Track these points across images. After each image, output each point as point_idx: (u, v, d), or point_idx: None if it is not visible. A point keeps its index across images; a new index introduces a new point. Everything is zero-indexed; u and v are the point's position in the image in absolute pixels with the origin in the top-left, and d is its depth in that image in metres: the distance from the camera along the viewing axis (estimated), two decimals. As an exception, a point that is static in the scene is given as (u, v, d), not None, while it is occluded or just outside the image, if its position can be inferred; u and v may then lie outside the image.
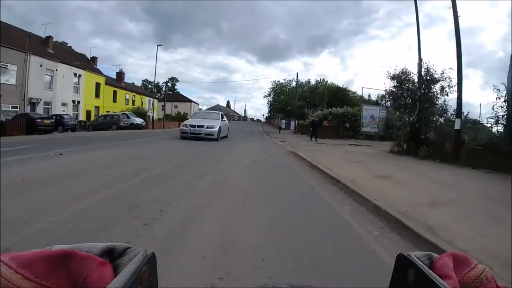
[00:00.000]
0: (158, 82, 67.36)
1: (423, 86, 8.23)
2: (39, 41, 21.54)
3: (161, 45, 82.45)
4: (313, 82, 40.51)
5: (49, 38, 22.18)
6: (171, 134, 14.54)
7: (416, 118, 8.34)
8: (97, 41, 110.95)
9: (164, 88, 66.45)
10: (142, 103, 34.14)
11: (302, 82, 40.75)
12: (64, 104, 21.72)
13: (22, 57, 18.27)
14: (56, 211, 2.48)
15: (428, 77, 8.12)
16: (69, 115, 18.48)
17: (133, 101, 32.31)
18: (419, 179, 4.76)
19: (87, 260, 0.24)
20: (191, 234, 2.15)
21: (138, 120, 22.10)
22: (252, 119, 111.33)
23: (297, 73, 37.74)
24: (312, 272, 1.69)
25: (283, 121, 37.71)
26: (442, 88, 8.01)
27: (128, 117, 21.42)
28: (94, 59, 27.47)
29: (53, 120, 14.77)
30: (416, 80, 8.60)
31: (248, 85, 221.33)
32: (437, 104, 8.20)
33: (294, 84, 38.32)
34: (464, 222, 2.58)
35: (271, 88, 42.49)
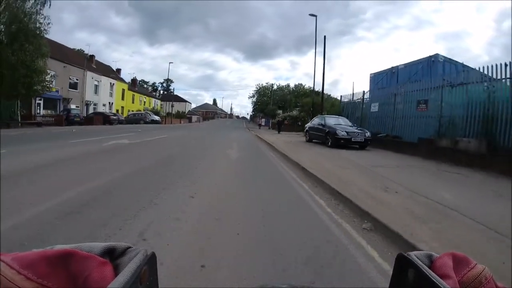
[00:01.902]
0: (155, 82, 75.49)
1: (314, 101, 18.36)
2: (86, 59, 30.04)
3: (172, 62, 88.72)
4: (292, 85, 49.07)
5: (92, 56, 30.66)
6: (186, 126, 23.95)
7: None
8: (83, 35, 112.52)
9: (159, 88, 74.70)
10: (150, 103, 42.96)
11: (283, 86, 50.49)
12: (104, 105, 30.41)
13: (82, 73, 26.93)
14: (188, 144, 12.16)
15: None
16: (121, 114, 27.49)
17: (144, 102, 41.09)
18: (283, 137, 14.70)
19: (88, 260, 0.24)
20: (226, 138, 11.92)
21: (156, 118, 31.16)
22: (237, 117, 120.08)
23: (272, 84, 48.06)
24: (243, 146, 11.51)
25: (263, 119, 47.32)
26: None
27: (150, 115, 30.48)
28: (118, 70, 36.08)
29: (116, 117, 23.73)
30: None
31: (234, 83, 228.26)
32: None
33: (275, 87, 48.51)
34: (283, 145, 12.46)
35: (255, 90, 52.47)
